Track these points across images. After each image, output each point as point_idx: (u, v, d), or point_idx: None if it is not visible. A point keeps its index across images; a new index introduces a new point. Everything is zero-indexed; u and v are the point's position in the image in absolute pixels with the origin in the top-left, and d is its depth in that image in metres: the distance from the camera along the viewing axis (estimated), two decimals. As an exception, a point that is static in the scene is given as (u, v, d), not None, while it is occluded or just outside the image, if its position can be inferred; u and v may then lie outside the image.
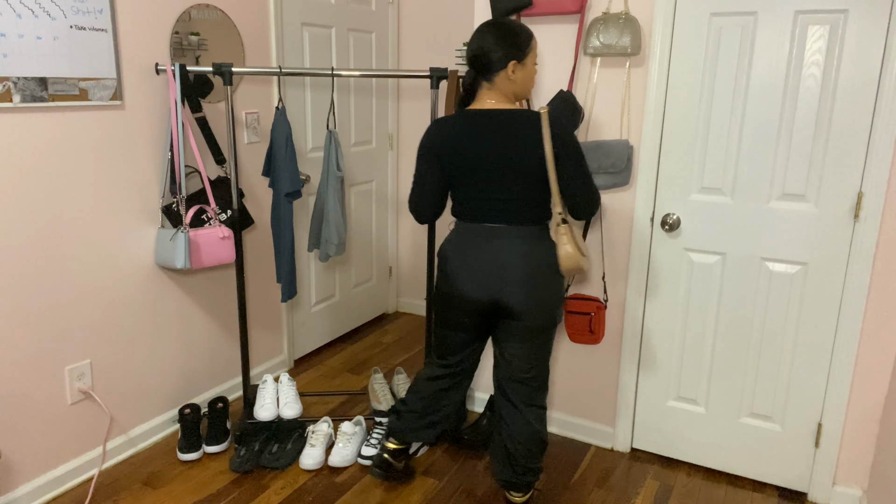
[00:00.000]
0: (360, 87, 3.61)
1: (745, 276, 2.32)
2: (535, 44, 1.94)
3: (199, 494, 2.31)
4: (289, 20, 3.03)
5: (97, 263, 2.33)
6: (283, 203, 2.57)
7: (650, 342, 2.53)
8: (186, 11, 2.52)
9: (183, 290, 2.68)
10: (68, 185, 2.21)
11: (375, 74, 2.52)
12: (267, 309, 3.15)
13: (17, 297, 2.12)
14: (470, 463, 2.55)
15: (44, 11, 2.05)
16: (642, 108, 2.35)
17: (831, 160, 2.13)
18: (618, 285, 2.54)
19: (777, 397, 2.36)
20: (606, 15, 2.28)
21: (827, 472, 2.32)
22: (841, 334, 2.21)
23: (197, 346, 2.79)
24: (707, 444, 2.50)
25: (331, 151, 2.59)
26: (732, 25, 2.18)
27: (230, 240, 2.50)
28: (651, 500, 2.35)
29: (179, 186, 2.45)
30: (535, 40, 1.95)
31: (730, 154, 2.26)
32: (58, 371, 2.26)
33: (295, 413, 2.58)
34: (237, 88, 2.81)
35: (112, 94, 2.29)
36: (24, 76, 2.02)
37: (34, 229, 2.13)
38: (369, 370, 3.36)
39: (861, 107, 2.06)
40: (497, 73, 1.91)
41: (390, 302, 4.19)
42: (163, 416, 2.68)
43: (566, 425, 2.75)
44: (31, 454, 2.22)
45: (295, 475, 2.45)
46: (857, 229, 2.13)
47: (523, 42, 1.90)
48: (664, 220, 2.39)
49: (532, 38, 1.93)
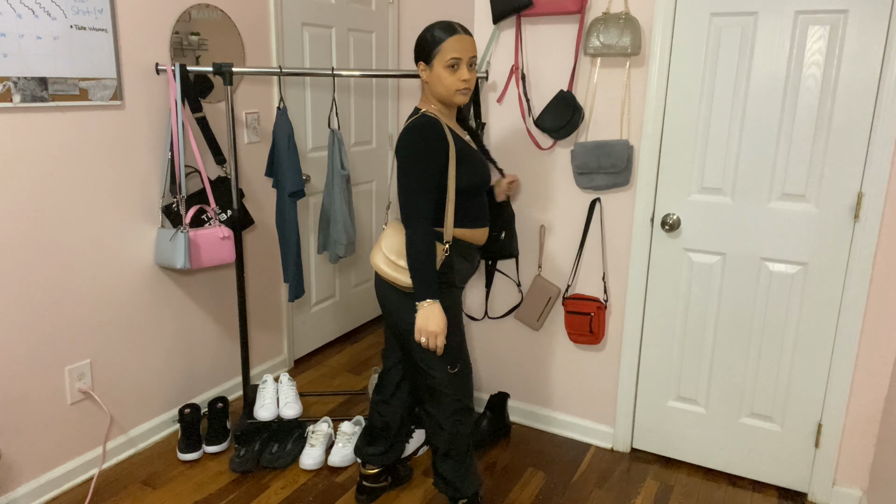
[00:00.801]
0: (360, 87, 3.61)
1: (745, 276, 2.32)
2: (445, 48, 1.85)
3: (199, 494, 2.31)
4: (289, 20, 3.03)
5: (97, 263, 2.33)
6: (287, 203, 2.57)
7: (650, 342, 2.53)
8: (186, 11, 2.52)
9: (183, 290, 2.68)
10: (68, 185, 2.21)
11: (375, 74, 2.52)
12: (267, 309, 3.15)
13: (18, 296, 2.12)
14: (470, 463, 2.55)
15: (44, 11, 2.05)
16: (642, 108, 2.35)
17: (831, 160, 2.13)
18: (618, 285, 2.54)
19: (777, 397, 2.36)
20: (606, 15, 2.28)
21: (827, 472, 2.32)
22: (841, 334, 2.21)
23: (197, 346, 2.79)
24: (707, 444, 2.50)
25: (334, 151, 2.59)
26: (732, 25, 2.18)
27: (230, 240, 2.50)
28: (651, 500, 2.35)
29: (179, 186, 2.45)
30: (445, 45, 1.85)
31: (730, 154, 2.26)
32: (58, 371, 2.26)
33: (295, 413, 2.58)
34: (237, 88, 2.81)
35: (112, 93, 2.29)
36: (25, 76, 2.02)
37: (34, 229, 2.13)
38: (369, 370, 3.36)
39: (861, 107, 2.06)
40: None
41: (390, 302, 4.19)
42: (163, 416, 2.68)
43: (566, 425, 2.75)
44: (31, 454, 2.22)
45: (295, 475, 2.45)
46: (857, 229, 2.12)
47: (428, 45, 1.88)
48: (664, 221, 2.39)
49: (441, 42, 1.86)
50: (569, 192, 2.54)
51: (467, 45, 1.88)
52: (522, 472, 2.50)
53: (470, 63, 1.90)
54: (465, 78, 1.87)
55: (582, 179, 2.44)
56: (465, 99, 1.92)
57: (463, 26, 1.90)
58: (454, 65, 1.86)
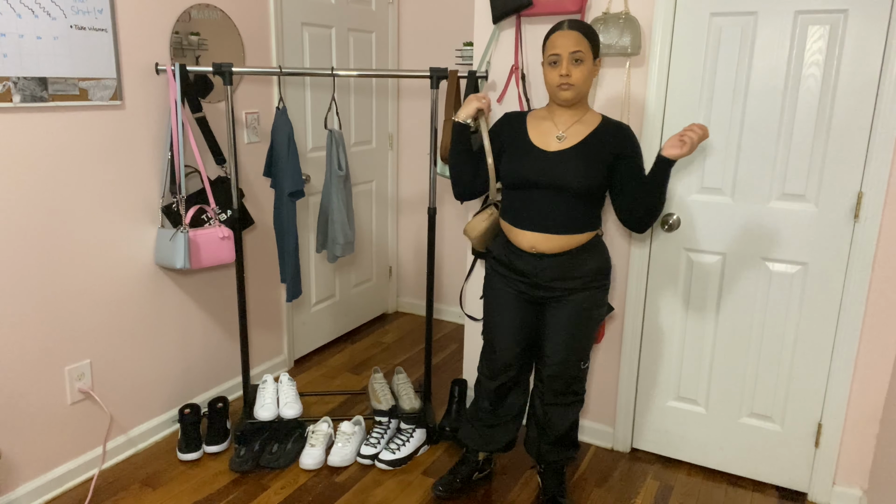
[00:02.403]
0: (360, 87, 3.61)
1: (745, 276, 2.32)
2: (547, 45, 1.95)
3: (199, 494, 2.31)
4: (289, 20, 3.03)
5: (97, 263, 2.33)
6: (286, 203, 2.57)
7: (650, 342, 2.53)
8: (186, 11, 2.52)
9: (183, 290, 2.68)
10: (68, 185, 2.21)
11: (375, 74, 2.52)
12: (267, 309, 3.15)
13: (17, 296, 2.12)
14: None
15: (44, 11, 2.05)
16: (642, 107, 2.35)
17: (831, 160, 2.13)
18: (618, 285, 2.54)
19: (777, 397, 2.36)
20: (606, 15, 2.28)
21: (827, 472, 2.32)
22: (841, 334, 2.21)
23: (197, 346, 2.79)
24: (707, 444, 2.50)
25: (332, 151, 2.59)
26: (732, 25, 2.18)
27: (230, 240, 2.50)
28: (651, 500, 2.35)
29: (179, 186, 2.45)
30: (547, 42, 1.95)
31: (730, 154, 2.26)
32: (58, 371, 2.26)
33: (295, 413, 2.58)
34: (237, 88, 2.81)
35: (112, 93, 2.29)
36: (24, 76, 2.02)
37: (34, 229, 2.13)
38: (369, 370, 3.36)
39: (861, 107, 2.06)
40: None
41: (390, 302, 4.19)
42: (163, 416, 2.68)
43: (566, 425, 2.75)
44: (31, 454, 2.22)
45: (295, 475, 2.45)
46: (857, 229, 2.12)
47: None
48: (664, 220, 2.39)
49: (545, 39, 1.97)
50: (569, 192, 2.54)
51: (569, 40, 1.88)
52: (522, 472, 2.50)
53: (575, 59, 1.89)
54: (562, 73, 1.89)
55: (582, 179, 2.44)
56: (567, 94, 1.92)
57: (573, 22, 1.91)
58: (555, 61, 1.90)
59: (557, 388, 2.14)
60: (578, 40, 1.87)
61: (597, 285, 2.05)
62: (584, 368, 2.14)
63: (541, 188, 1.96)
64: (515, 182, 1.99)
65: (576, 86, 1.90)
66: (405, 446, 2.54)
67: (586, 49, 1.88)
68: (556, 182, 1.94)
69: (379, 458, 2.50)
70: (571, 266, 2.01)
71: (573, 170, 1.93)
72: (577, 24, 1.90)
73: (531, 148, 1.99)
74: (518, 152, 2.00)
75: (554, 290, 2.04)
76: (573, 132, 1.98)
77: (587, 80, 1.92)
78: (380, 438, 2.58)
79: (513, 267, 2.07)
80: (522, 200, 2.00)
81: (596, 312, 2.08)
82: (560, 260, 2.01)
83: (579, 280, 2.02)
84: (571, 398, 2.18)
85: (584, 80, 1.90)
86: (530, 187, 1.97)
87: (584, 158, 1.94)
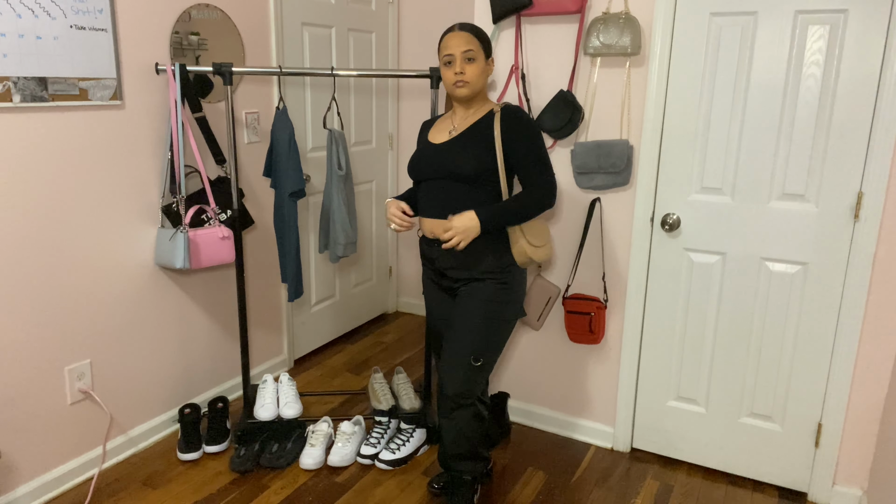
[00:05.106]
0: (360, 87, 3.61)
1: (745, 276, 2.32)
2: (441, 44, 2.02)
3: (199, 494, 2.31)
4: (289, 20, 3.03)
5: (97, 263, 2.33)
6: (287, 203, 2.57)
7: (650, 342, 2.53)
8: (186, 11, 2.52)
9: (183, 290, 2.68)
10: (68, 185, 2.21)
11: (375, 74, 2.52)
12: (267, 309, 3.15)
13: (17, 297, 2.12)
14: (470, 463, 2.55)
15: (44, 11, 2.05)
16: (642, 107, 2.35)
17: (831, 160, 2.13)
18: (618, 285, 2.54)
19: (777, 397, 2.36)
20: (606, 15, 2.28)
21: (827, 472, 2.32)
22: (841, 334, 2.21)
23: (197, 346, 2.79)
24: (707, 444, 2.50)
25: (332, 150, 2.59)
26: (732, 25, 2.18)
27: (230, 240, 2.50)
28: (651, 500, 2.35)
29: (179, 186, 2.45)
30: (440, 44, 2.04)
31: (730, 154, 2.26)
32: (58, 371, 2.26)
33: (295, 413, 2.58)
34: (237, 88, 2.81)
35: (112, 93, 2.29)
36: (24, 76, 2.02)
37: (34, 229, 2.13)
38: (369, 370, 3.36)
39: (861, 107, 2.06)
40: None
41: (390, 302, 4.19)
42: (163, 416, 2.68)
43: (566, 425, 2.75)
44: (31, 454, 2.22)
45: (295, 475, 2.45)
46: (857, 229, 2.12)
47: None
48: (664, 220, 2.39)
49: (439, 42, 2.05)
50: (569, 192, 2.54)
51: (461, 40, 1.98)
52: (522, 472, 2.50)
53: (467, 58, 1.98)
54: (456, 71, 1.99)
55: (582, 179, 2.44)
56: (463, 91, 2.00)
57: (463, 24, 2.02)
58: (449, 61, 2.00)
59: (448, 389, 2.03)
60: (469, 40, 1.98)
61: (494, 279, 2.01)
62: (478, 367, 2.01)
63: (436, 179, 2.05)
64: (414, 176, 2.12)
65: (470, 83, 1.99)
66: (405, 446, 2.54)
67: (477, 48, 1.99)
68: (443, 169, 2.02)
69: (379, 458, 2.50)
70: (466, 255, 2.02)
71: (458, 155, 2.00)
72: (467, 26, 2.02)
73: (426, 144, 2.12)
74: (416, 151, 2.14)
75: (455, 280, 2.09)
76: (466, 124, 2.07)
77: (480, 77, 2.01)
78: (380, 438, 2.58)
79: (425, 255, 2.18)
80: (424, 192, 2.10)
81: (496, 308, 2.01)
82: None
83: (476, 270, 2.03)
84: (462, 401, 2.04)
85: (478, 77, 2.00)
86: (427, 179, 2.07)
87: (471, 144, 2.00)
